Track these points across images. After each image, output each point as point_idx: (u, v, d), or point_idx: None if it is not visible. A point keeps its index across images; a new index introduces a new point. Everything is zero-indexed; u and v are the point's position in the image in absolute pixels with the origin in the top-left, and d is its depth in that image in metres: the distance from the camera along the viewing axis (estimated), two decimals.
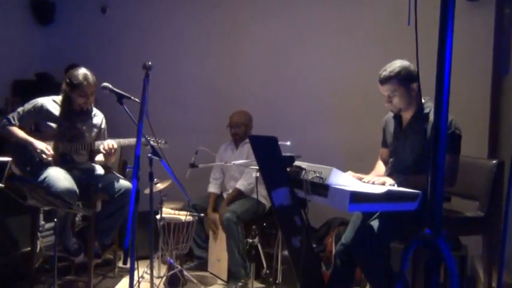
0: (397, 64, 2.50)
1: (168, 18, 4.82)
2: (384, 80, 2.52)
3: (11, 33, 4.70)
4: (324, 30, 4.25)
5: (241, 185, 3.79)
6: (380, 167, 2.85)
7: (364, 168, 2.75)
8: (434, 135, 1.28)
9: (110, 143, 3.15)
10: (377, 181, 2.40)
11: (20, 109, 3.22)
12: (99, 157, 3.40)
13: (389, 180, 2.40)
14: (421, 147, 2.46)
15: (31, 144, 3.11)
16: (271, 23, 4.47)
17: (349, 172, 2.57)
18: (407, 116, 2.61)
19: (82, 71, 3.17)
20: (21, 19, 4.89)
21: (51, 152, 3.14)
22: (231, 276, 3.60)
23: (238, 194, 3.77)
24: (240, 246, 3.51)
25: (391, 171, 2.62)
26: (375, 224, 2.43)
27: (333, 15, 4.22)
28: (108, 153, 3.17)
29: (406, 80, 2.48)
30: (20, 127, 3.18)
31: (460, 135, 2.44)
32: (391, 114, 2.75)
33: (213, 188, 4.00)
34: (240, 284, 3.47)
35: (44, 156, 3.10)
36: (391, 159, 2.70)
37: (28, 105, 3.23)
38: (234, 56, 4.62)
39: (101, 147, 3.17)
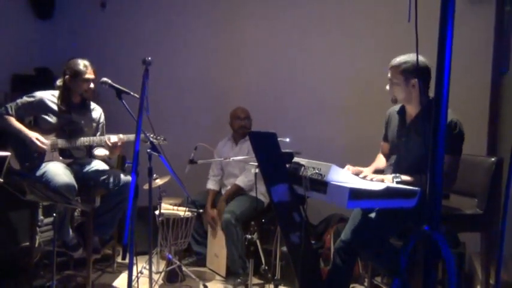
0: (407, 56, 2.50)
1: (168, 14, 4.81)
2: (390, 66, 2.55)
3: (10, 27, 4.68)
4: (323, 27, 4.25)
5: (240, 181, 3.78)
6: (380, 160, 2.85)
7: (364, 164, 2.75)
8: (433, 131, 1.27)
9: (116, 137, 3.17)
10: (375, 178, 2.40)
11: (18, 100, 3.22)
12: (101, 152, 3.40)
13: (386, 179, 2.41)
14: (424, 145, 2.46)
15: (24, 134, 3.11)
16: (270, 19, 4.46)
17: (348, 166, 2.57)
18: (412, 112, 2.61)
19: (81, 60, 3.24)
20: (21, 13, 4.87)
21: (42, 140, 3.14)
22: (229, 273, 3.61)
23: (238, 190, 3.77)
24: (239, 247, 3.52)
25: (394, 169, 2.62)
26: (374, 217, 2.44)
27: (333, 12, 4.22)
28: (114, 147, 3.18)
29: (406, 73, 2.48)
30: (17, 119, 3.18)
31: (463, 138, 2.44)
32: (395, 108, 2.75)
33: (211, 185, 3.99)
34: (238, 280, 3.48)
35: (39, 143, 3.11)
36: (393, 156, 2.69)
37: (27, 98, 3.23)
38: (234, 53, 4.61)
39: (107, 141, 3.18)
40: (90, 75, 3.22)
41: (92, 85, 3.25)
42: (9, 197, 2.88)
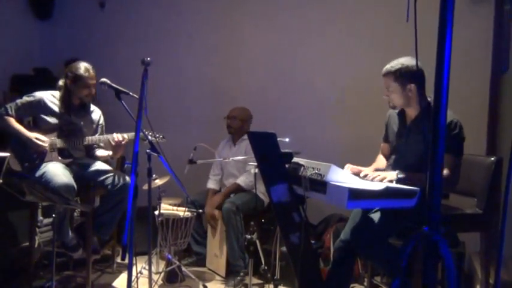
0: (400, 61, 2.48)
1: (168, 13, 4.80)
2: (384, 74, 2.53)
3: (10, 27, 4.68)
4: (323, 27, 4.25)
5: (241, 181, 3.78)
6: (380, 160, 2.85)
7: (364, 164, 2.75)
8: (433, 132, 1.27)
9: (120, 136, 3.17)
10: (376, 179, 2.39)
11: (18, 101, 3.22)
12: (102, 152, 3.40)
13: (390, 175, 2.40)
14: (424, 146, 2.46)
15: (23, 135, 3.12)
16: (270, 19, 4.45)
17: (348, 165, 2.57)
18: (411, 114, 2.60)
19: (83, 64, 3.22)
20: (20, 14, 4.87)
21: (41, 138, 3.14)
22: (229, 270, 3.61)
23: (238, 189, 3.77)
24: (239, 237, 3.52)
25: (393, 169, 2.61)
26: (374, 216, 2.44)
27: (333, 14, 4.21)
28: (117, 146, 3.18)
29: (402, 78, 2.46)
30: (16, 119, 3.18)
31: (464, 138, 2.43)
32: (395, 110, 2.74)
33: (212, 184, 4.00)
34: (238, 278, 3.48)
35: (38, 142, 3.11)
36: (392, 156, 2.69)
37: (26, 98, 3.23)
38: (234, 52, 4.61)
39: (110, 140, 3.18)
40: (91, 80, 3.20)
41: (92, 90, 3.25)
42: (8, 197, 2.88)
